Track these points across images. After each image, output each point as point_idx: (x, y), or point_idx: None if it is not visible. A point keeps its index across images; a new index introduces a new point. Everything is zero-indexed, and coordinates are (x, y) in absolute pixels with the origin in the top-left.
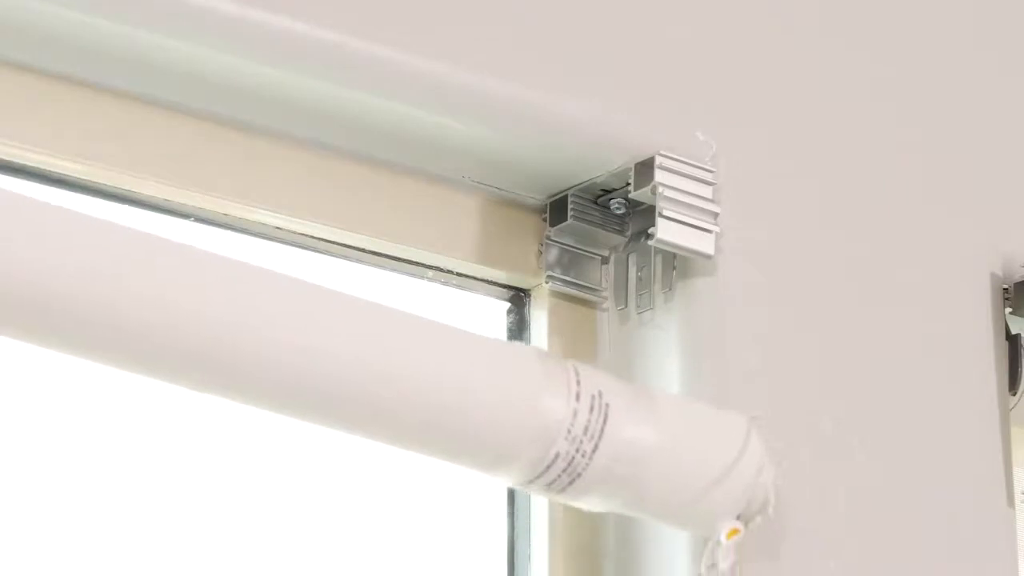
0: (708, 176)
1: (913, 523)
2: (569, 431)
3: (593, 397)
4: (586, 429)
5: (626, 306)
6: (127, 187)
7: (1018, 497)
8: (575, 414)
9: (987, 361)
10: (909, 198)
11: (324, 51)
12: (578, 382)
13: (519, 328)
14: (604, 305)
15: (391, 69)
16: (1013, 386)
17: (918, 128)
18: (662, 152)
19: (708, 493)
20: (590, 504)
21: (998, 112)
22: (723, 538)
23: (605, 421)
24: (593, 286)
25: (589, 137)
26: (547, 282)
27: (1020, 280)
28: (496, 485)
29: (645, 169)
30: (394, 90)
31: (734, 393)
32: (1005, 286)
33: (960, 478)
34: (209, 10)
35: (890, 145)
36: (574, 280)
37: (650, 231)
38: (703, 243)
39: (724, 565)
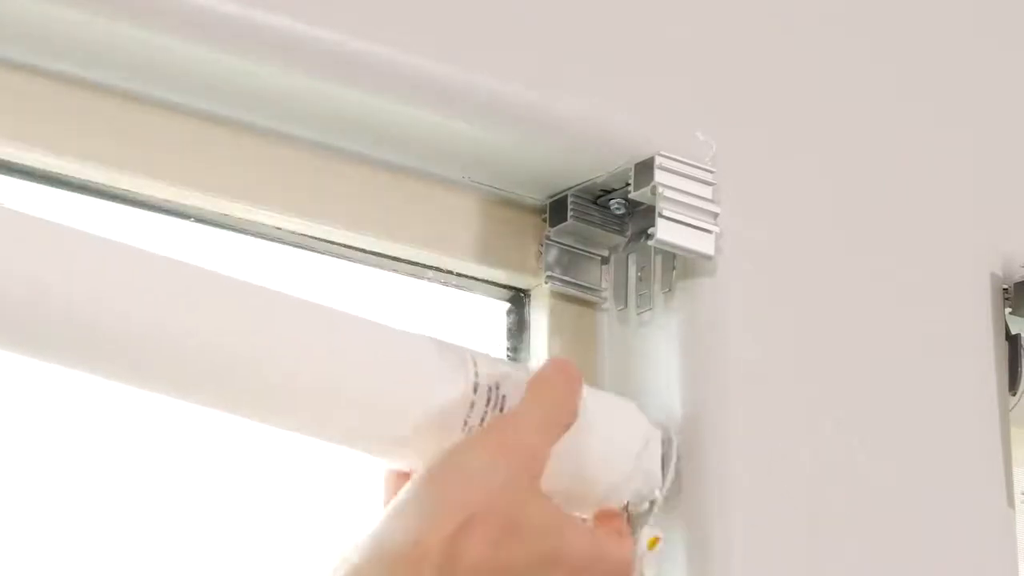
0: (708, 176)
1: (913, 523)
2: (465, 423)
3: (490, 389)
4: (482, 420)
5: (626, 306)
6: (127, 187)
7: (1018, 497)
8: (472, 406)
9: (987, 361)
10: (909, 198)
11: (324, 51)
12: (476, 373)
13: (519, 329)
14: (604, 305)
15: (391, 69)
16: (1013, 386)
17: (918, 128)
18: (662, 152)
19: (603, 485)
20: None
21: (998, 112)
22: (645, 548)
23: (501, 412)
24: (593, 286)
25: (589, 137)
26: (547, 282)
27: (1020, 280)
28: None
29: (645, 169)
30: (394, 90)
31: (734, 393)
32: (1005, 286)
33: (960, 478)
34: (209, 10)
35: (890, 145)
36: (574, 280)
37: (650, 231)
38: (703, 243)
39: (651, 574)
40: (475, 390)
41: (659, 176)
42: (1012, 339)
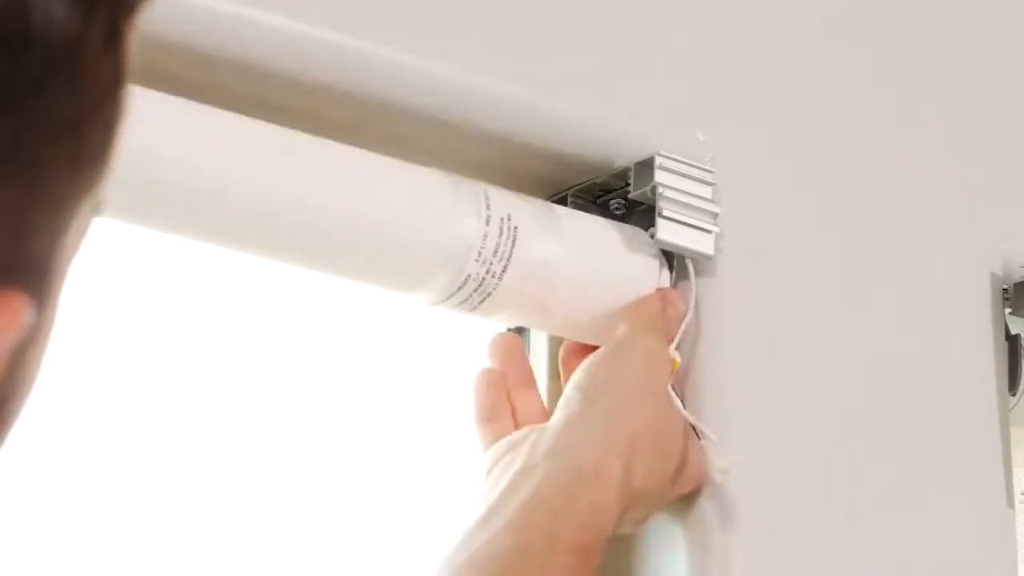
0: (708, 176)
1: (913, 523)
2: (480, 254)
3: (502, 220)
4: (495, 251)
5: None
6: None
7: (1018, 497)
8: (485, 237)
9: (987, 361)
10: (909, 198)
11: (324, 51)
12: (488, 206)
13: (519, 328)
14: None
15: (391, 69)
16: (1013, 386)
17: (918, 128)
18: (662, 152)
19: (614, 307)
20: (501, 320)
21: (998, 112)
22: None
23: (514, 243)
24: None
25: (589, 137)
26: None
27: (1020, 280)
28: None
29: (645, 169)
30: (394, 90)
31: (734, 393)
32: (1005, 286)
33: (960, 478)
34: (209, 10)
35: (890, 145)
36: None
37: (650, 231)
38: (703, 243)
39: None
40: (487, 222)
41: (659, 176)
42: (1012, 339)
